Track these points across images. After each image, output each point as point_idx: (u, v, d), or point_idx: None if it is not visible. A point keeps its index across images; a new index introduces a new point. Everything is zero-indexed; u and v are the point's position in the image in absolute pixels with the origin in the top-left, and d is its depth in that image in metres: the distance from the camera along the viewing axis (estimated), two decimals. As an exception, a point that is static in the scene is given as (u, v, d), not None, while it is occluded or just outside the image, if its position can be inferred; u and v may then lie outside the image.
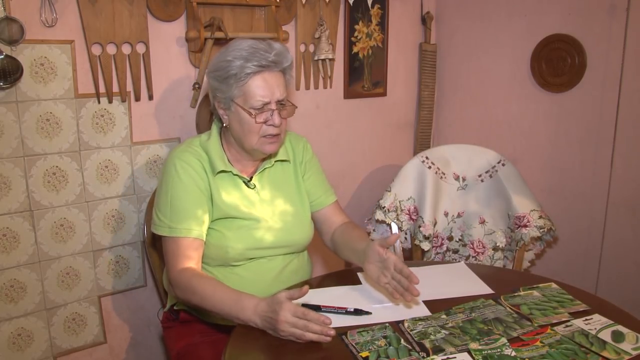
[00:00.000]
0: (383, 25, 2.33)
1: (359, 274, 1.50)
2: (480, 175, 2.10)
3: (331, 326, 1.19)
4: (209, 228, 1.43)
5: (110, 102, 1.69)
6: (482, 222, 2.08)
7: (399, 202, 2.09)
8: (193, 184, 1.40)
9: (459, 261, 1.91)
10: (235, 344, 1.18)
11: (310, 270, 1.62)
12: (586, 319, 1.22)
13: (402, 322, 1.23)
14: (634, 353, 1.08)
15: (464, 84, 2.49)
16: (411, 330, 1.19)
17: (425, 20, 2.48)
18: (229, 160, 1.46)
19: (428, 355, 1.09)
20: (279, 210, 1.50)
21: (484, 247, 2.08)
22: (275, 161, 1.52)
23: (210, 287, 1.30)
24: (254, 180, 1.49)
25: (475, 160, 2.11)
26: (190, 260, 1.38)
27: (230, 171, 1.44)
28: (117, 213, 1.77)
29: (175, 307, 1.55)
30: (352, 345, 1.13)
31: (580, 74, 2.08)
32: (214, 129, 1.51)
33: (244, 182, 1.47)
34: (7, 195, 1.56)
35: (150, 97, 1.76)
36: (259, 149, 1.41)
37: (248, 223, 1.44)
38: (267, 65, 1.36)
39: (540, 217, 1.98)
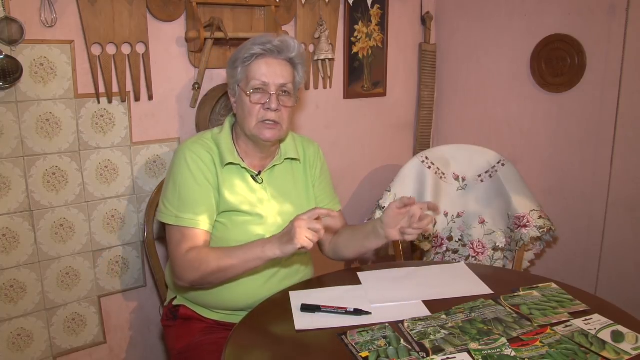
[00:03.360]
0: (383, 25, 2.33)
1: (359, 274, 1.50)
2: (480, 176, 2.10)
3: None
4: (215, 221, 1.45)
5: (110, 102, 1.69)
6: (482, 222, 2.08)
7: (399, 202, 2.09)
8: (202, 176, 1.41)
9: (459, 261, 1.91)
10: (235, 343, 1.18)
11: (311, 271, 1.61)
12: (586, 319, 1.22)
13: (402, 322, 1.23)
14: (634, 353, 1.08)
15: (464, 84, 2.49)
16: (411, 331, 1.19)
17: (425, 20, 2.48)
18: (238, 154, 1.47)
19: (428, 355, 1.09)
20: (286, 209, 1.50)
21: (483, 247, 2.08)
22: (285, 159, 1.53)
23: (220, 249, 1.38)
24: (263, 176, 1.49)
25: (475, 160, 2.11)
26: (196, 247, 1.39)
27: (239, 164, 1.45)
28: (117, 213, 1.77)
29: (174, 303, 1.55)
30: (352, 345, 1.13)
31: (580, 74, 2.08)
32: (227, 123, 1.52)
33: (252, 176, 1.48)
34: (7, 195, 1.56)
35: (150, 97, 1.76)
36: (257, 134, 1.42)
37: (252, 219, 1.45)
38: (271, 50, 1.39)
39: (540, 217, 1.98)
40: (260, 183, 1.48)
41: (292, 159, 1.55)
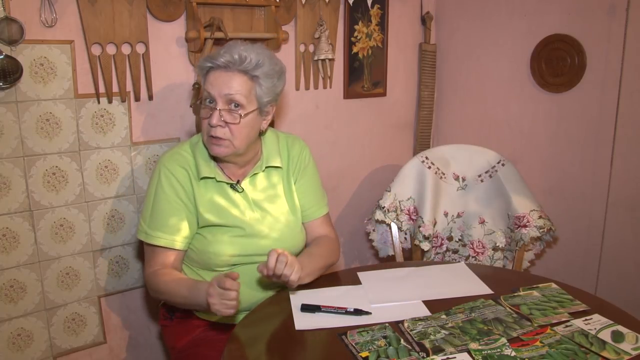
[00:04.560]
0: (383, 25, 2.33)
1: (359, 274, 1.50)
2: (480, 176, 2.10)
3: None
4: (196, 233, 1.44)
5: (110, 102, 1.69)
6: (482, 222, 2.08)
7: (399, 202, 2.09)
8: (174, 195, 1.40)
9: (459, 261, 1.91)
10: (235, 343, 1.18)
11: None
12: (586, 319, 1.22)
13: (402, 322, 1.23)
14: (634, 353, 1.08)
15: (464, 84, 2.49)
16: (411, 331, 1.19)
17: (425, 20, 2.48)
18: (216, 164, 1.44)
19: (428, 355, 1.09)
20: (271, 217, 1.47)
21: (483, 247, 2.08)
22: (266, 167, 1.49)
23: (173, 284, 1.34)
24: (244, 185, 1.46)
25: (475, 160, 2.11)
26: (163, 266, 1.40)
27: (214, 177, 1.42)
28: (117, 213, 1.77)
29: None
30: (352, 345, 1.13)
31: (580, 74, 2.08)
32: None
33: (230, 186, 1.45)
34: (7, 195, 1.56)
35: (150, 97, 1.76)
36: (209, 148, 1.39)
37: (234, 230, 1.42)
38: (218, 65, 1.35)
39: (540, 217, 1.98)
40: (240, 192, 1.45)
41: (274, 167, 1.50)
